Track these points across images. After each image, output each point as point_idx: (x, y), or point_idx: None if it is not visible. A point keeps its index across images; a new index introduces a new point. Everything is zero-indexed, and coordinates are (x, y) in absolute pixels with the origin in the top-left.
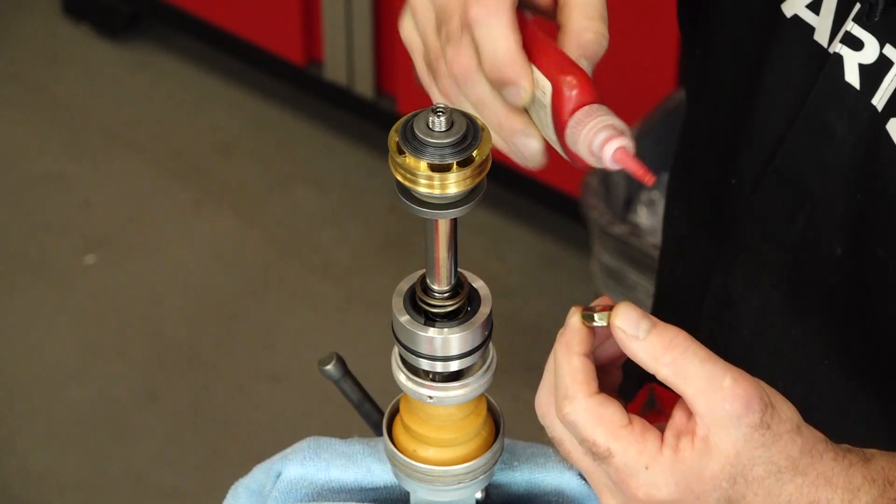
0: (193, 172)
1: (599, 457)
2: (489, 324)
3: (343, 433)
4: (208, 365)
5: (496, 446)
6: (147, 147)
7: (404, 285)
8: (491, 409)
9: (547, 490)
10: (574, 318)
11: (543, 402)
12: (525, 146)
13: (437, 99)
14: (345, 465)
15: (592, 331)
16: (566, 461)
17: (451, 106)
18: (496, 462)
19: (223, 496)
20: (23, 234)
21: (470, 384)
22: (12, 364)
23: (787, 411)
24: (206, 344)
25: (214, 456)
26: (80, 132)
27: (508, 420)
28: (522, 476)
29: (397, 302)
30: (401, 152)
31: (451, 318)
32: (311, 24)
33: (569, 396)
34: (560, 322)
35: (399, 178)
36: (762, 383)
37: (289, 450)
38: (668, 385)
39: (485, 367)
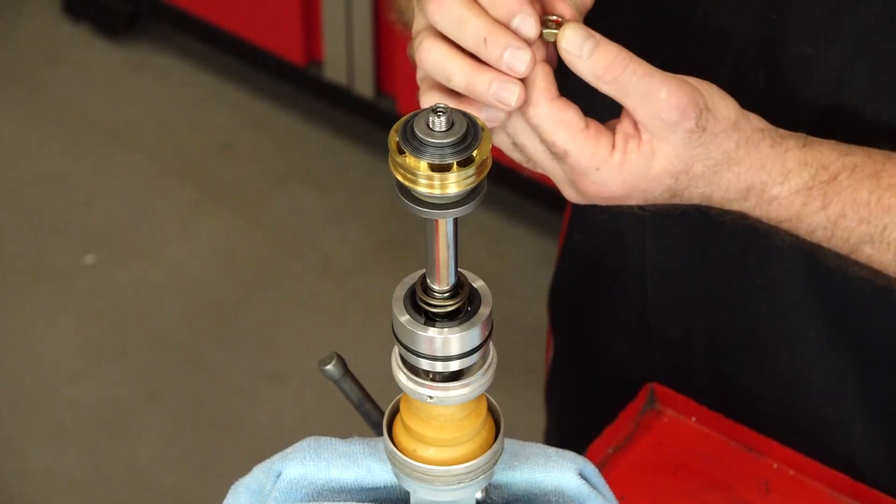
0: (193, 172)
1: (557, 156)
2: (489, 324)
3: (343, 433)
4: (208, 365)
5: (496, 446)
6: (147, 147)
7: (404, 285)
8: (491, 409)
9: (547, 490)
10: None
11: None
12: (516, 59)
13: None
14: (345, 465)
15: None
16: (529, 164)
17: (450, 106)
18: (496, 462)
19: (223, 496)
20: (23, 234)
21: (470, 384)
22: (12, 364)
23: (723, 111)
24: (206, 344)
25: (214, 456)
26: (80, 132)
27: (508, 420)
28: (522, 476)
29: (397, 302)
30: (401, 152)
31: (452, 318)
32: (311, 24)
33: (532, 101)
34: None
35: (399, 177)
36: (701, 87)
37: (289, 450)
38: (612, 97)
39: (485, 367)
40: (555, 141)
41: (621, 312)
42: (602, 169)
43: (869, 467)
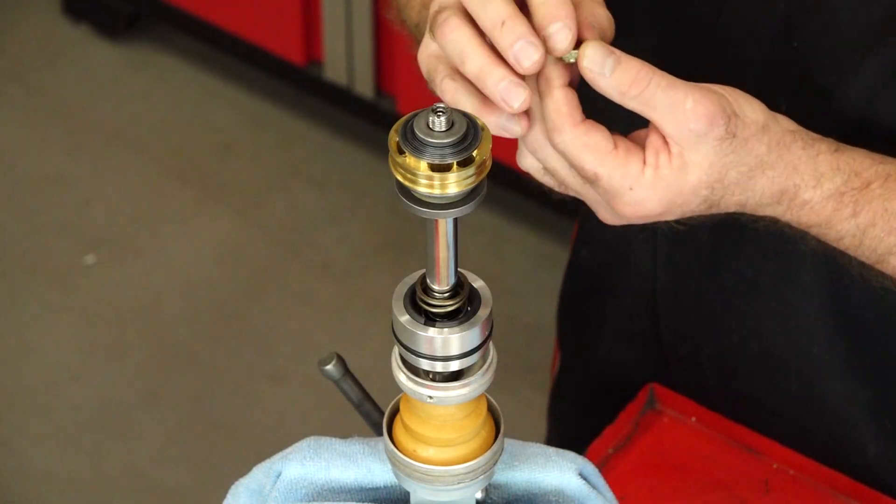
0: (193, 172)
1: (588, 180)
2: (489, 324)
3: (343, 433)
4: (208, 365)
5: (496, 446)
6: (147, 147)
7: (404, 285)
8: (491, 409)
9: (547, 490)
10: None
11: (535, 139)
12: (525, 53)
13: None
14: (345, 465)
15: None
16: (562, 188)
17: (450, 106)
18: (496, 462)
19: (223, 496)
20: (23, 234)
21: (470, 384)
22: (12, 364)
23: (752, 115)
24: (206, 344)
25: (214, 456)
26: (80, 132)
27: (508, 420)
28: (522, 476)
29: (397, 302)
30: (401, 152)
31: (452, 318)
32: (311, 24)
33: (557, 128)
34: None
35: (399, 177)
36: (726, 93)
37: (289, 450)
38: (638, 113)
39: (485, 367)
40: (583, 165)
41: (630, 329)
42: (636, 188)
43: (883, 485)
